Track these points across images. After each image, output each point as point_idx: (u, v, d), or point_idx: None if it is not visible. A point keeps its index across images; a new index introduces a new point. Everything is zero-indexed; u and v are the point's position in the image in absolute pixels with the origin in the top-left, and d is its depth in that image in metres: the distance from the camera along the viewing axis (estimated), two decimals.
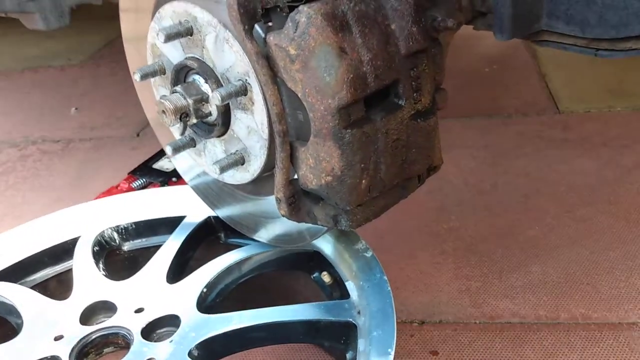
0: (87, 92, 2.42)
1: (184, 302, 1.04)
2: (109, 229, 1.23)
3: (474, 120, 1.93)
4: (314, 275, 1.10)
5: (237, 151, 0.93)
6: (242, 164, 0.94)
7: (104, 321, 1.04)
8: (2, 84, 2.58)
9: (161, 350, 0.96)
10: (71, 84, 2.51)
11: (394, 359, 0.88)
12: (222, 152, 0.96)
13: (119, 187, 1.67)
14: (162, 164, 1.75)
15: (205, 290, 1.06)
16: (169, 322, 1.01)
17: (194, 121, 0.92)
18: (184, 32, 0.89)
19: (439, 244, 1.44)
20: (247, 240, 1.14)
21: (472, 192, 1.60)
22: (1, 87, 2.56)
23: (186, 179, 1.20)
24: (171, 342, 0.97)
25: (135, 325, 1.01)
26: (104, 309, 1.06)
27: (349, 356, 0.95)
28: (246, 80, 0.85)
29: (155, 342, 0.98)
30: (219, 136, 0.95)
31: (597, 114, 1.90)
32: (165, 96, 0.90)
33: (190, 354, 0.95)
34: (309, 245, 1.09)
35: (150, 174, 1.71)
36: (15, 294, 1.10)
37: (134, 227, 1.25)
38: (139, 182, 1.68)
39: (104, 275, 1.13)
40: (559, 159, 1.69)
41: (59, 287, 1.19)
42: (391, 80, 0.79)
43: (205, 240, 1.20)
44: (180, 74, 0.94)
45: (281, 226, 1.05)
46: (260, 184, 0.99)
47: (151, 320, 1.01)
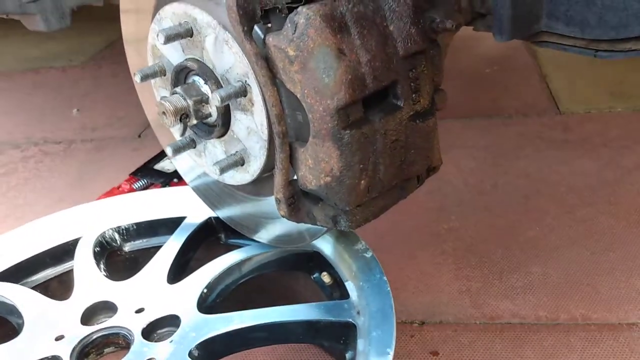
0: (89, 93, 2.43)
1: (185, 302, 1.04)
2: (110, 229, 1.23)
3: (474, 120, 1.93)
4: (314, 275, 1.11)
5: (237, 152, 0.94)
6: (242, 165, 0.94)
7: (105, 321, 1.04)
8: (3, 85, 2.59)
9: (161, 350, 0.96)
10: (72, 85, 2.51)
11: (394, 359, 0.88)
12: (222, 152, 0.97)
13: (120, 188, 1.67)
14: (164, 165, 1.75)
15: (205, 290, 1.06)
16: (170, 322, 1.02)
17: (194, 122, 0.93)
18: (183, 33, 0.90)
19: (439, 244, 1.44)
20: (248, 240, 1.15)
21: (473, 192, 1.61)
22: (3, 88, 2.56)
23: (187, 179, 1.20)
24: (171, 342, 0.97)
25: (135, 325, 1.01)
26: (105, 309, 1.07)
27: (348, 356, 0.95)
28: (246, 81, 0.85)
29: (155, 342, 0.98)
30: (219, 137, 0.95)
31: (598, 114, 1.90)
32: (165, 97, 0.91)
33: (190, 354, 0.95)
34: (308, 245, 1.09)
35: (151, 175, 1.71)
36: (16, 294, 1.10)
37: (134, 227, 1.25)
38: (140, 183, 1.68)
39: (105, 275, 1.14)
40: (560, 159, 1.69)
41: (60, 288, 1.20)
42: (390, 81, 0.80)
43: (205, 240, 1.21)
44: (180, 75, 0.94)
45: (281, 227, 1.05)
46: (260, 185, 0.99)
47: (151, 320, 1.02)
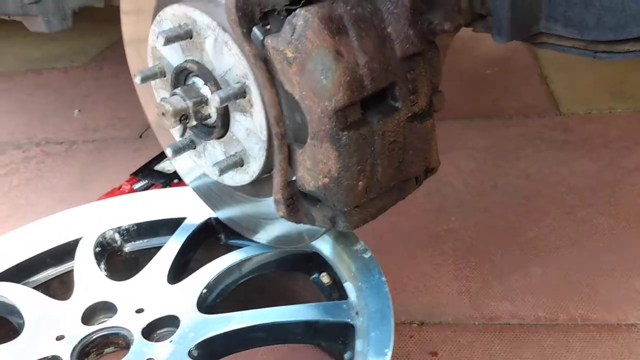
0: (90, 94, 2.43)
1: (184, 302, 1.04)
2: (111, 230, 1.23)
3: (474, 121, 1.93)
4: (313, 276, 1.11)
5: (236, 153, 0.94)
6: (242, 166, 0.94)
7: (105, 321, 1.04)
8: (5, 86, 2.59)
9: (161, 350, 0.96)
10: (74, 85, 2.52)
11: (393, 359, 0.88)
12: (221, 153, 0.97)
13: (121, 189, 1.68)
14: (164, 166, 1.75)
15: (205, 290, 1.07)
16: (169, 323, 1.02)
17: (194, 123, 0.93)
18: (183, 35, 0.90)
19: (438, 245, 1.44)
20: (247, 241, 1.15)
21: (472, 193, 1.61)
22: (5, 89, 2.57)
23: (187, 180, 1.20)
24: (171, 342, 0.97)
25: (135, 325, 1.01)
26: (105, 309, 1.07)
27: (347, 356, 0.95)
28: (245, 82, 0.86)
29: (155, 342, 0.99)
30: (219, 138, 0.95)
31: (598, 115, 1.90)
32: (165, 99, 0.91)
33: (190, 354, 0.95)
34: (308, 246, 1.09)
35: (152, 175, 1.72)
36: (17, 294, 1.11)
37: (135, 228, 1.25)
38: (141, 184, 1.69)
39: (106, 275, 1.14)
40: (560, 160, 1.70)
41: (61, 288, 1.20)
42: (388, 82, 0.80)
43: (205, 241, 1.21)
44: (180, 77, 0.95)
45: (280, 227, 1.05)
46: (259, 186, 0.99)
47: (151, 320, 1.02)
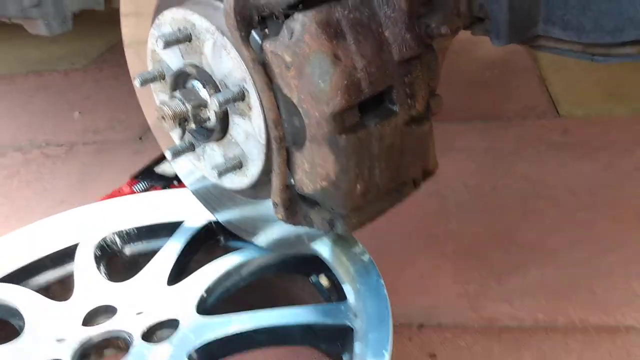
0: (91, 96, 2.44)
1: (184, 304, 1.05)
2: (111, 232, 1.24)
3: (473, 123, 1.93)
4: (312, 278, 1.11)
5: (235, 156, 0.94)
6: (241, 169, 0.95)
7: (105, 323, 1.05)
8: (6, 88, 2.60)
9: (161, 352, 0.97)
10: (74, 88, 2.52)
11: None
12: (220, 156, 0.97)
13: (121, 191, 1.68)
14: (164, 168, 1.76)
15: (204, 293, 1.07)
16: (169, 325, 1.02)
17: (193, 126, 0.94)
18: (182, 38, 0.90)
19: (437, 246, 1.44)
20: (247, 243, 1.15)
21: (472, 195, 1.61)
22: (5, 91, 2.57)
23: (186, 183, 1.21)
24: (170, 344, 0.98)
25: (135, 327, 1.02)
26: (105, 311, 1.07)
27: (345, 358, 0.95)
28: (243, 86, 0.86)
29: (155, 344, 0.99)
30: (218, 141, 0.96)
31: (597, 117, 1.90)
32: (164, 102, 0.91)
33: (189, 356, 0.96)
34: (307, 248, 1.09)
35: (152, 177, 1.72)
36: (17, 296, 1.11)
37: (135, 231, 1.26)
38: (141, 186, 1.69)
39: (105, 278, 1.14)
40: (559, 162, 1.70)
41: (61, 290, 1.21)
42: (385, 86, 0.80)
43: (205, 243, 1.21)
44: (179, 80, 0.95)
45: (279, 230, 1.06)
46: (259, 188, 1.00)
47: (151, 322, 1.03)
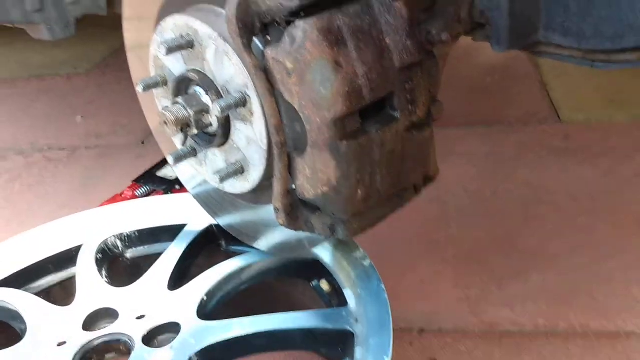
0: (93, 100, 2.44)
1: (185, 309, 1.05)
2: (113, 236, 1.24)
3: (474, 128, 1.94)
4: (313, 282, 1.12)
5: (237, 161, 0.95)
6: (242, 174, 0.95)
7: (107, 327, 1.05)
8: (8, 92, 2.60)
9: (161, 356, 0.97)
10: (77, 92, 2.53)
11: None
12: (222, 162, 0.98)
13: (123, 195, 1.68)
14: (166, 172, 1.76)
15: (205, 297, 1.07)
16: (170, 329, 1.03)
17: (195, 132, 0.94)
18: (185, 45, 0.91)
19: (438, 252, 1.44)
20: (248, 247, 1.16)
21: (473, 200, 1.61)
22: (8, 95, 2.58)
23: (188, 188, 1.21)
24: (171, 348, 0.98)
25: (136, 331, 1.02)
26: (107, 315, 1.08)
27: None
28: (245, 92, 0.86)
29: (156, 348, 0.99)
30: (220, 146, 0.96)
31: (598, 123, 1.91)
32: (167, 108, 0.92)
33: None
34: (308, 253, 1.10)
35: (154, 181, 1.72)
36: (19, 300, 1.12)
37: (137, 235, 1.26)
38: (143, 190, 1.70)
39: (107, 282, 1.15)
40: (560, 167, 1.70)
41: (63, 294, 1.21)
42: (386, 93, 0.81)
43: (206, 247, 1.22)
44: (181, 86, 0.96)
45: (280, 234, 1.06)
46: (260, 193, 1.00)
47: (152, 326, 1.03)
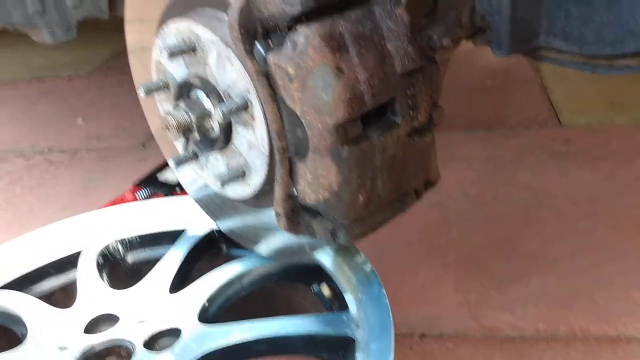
0: (94, 103, 2.45)
1: (186, 313, 1.05)
2: (114, 240, 1.24)
3: (475, 132, 1.94)
4: (314, 287, 1.12)
5: (238, 165, 0.95)
6: (243, 178, 0.95)
7: (108, 331, 1.05)
8: (9, 94, 2.61)
9: None
10: (78, 94, 2.53)
11: None
12: (223, 166, 0.98)
13: (124, 198, 1.68)
14: (167, 175, 1.76)
15: (206, 302, 1.07)
16: (171, 333, 1.03)
17: (197, 136, 0.94)
18: (187, 49, 0.91)
19: (439, 256, 1.44)
20: (249, 252, 1.16)
21: (473, 204, 1.61)
22: (8, 97, 2.58)
23: (189, 191, 1.21)
24: (172, 353, 0.98)
25: (137, 335, 1.02)
26: (108, 319, 1.08)
27: None
28: (247, 97, 0.87)
29: (156, 352, 0.99)
30: (221, 150, 0.96)
31: (599, 126, 1.91)
32: (168, 112, 0.92)
33: None
34: (309, 257, 1.10)
35: (154, 184, 1.72)
36: (20, 303, 1.12)
37: (138, 239, 1.26)
38: (144, 193, 1.70)
39: (108, 285, 1.15)
40: (560, 171, 1.70)
41: (64, 297, 1.21)
42: (388, 98, 0.81)
43: (207, 252, 1.22)
44: (183, 90, 0.96)
45: (282, 239, 1.06)
46: (261, 197, 1.00)
47: (153, 331, 1.03)
